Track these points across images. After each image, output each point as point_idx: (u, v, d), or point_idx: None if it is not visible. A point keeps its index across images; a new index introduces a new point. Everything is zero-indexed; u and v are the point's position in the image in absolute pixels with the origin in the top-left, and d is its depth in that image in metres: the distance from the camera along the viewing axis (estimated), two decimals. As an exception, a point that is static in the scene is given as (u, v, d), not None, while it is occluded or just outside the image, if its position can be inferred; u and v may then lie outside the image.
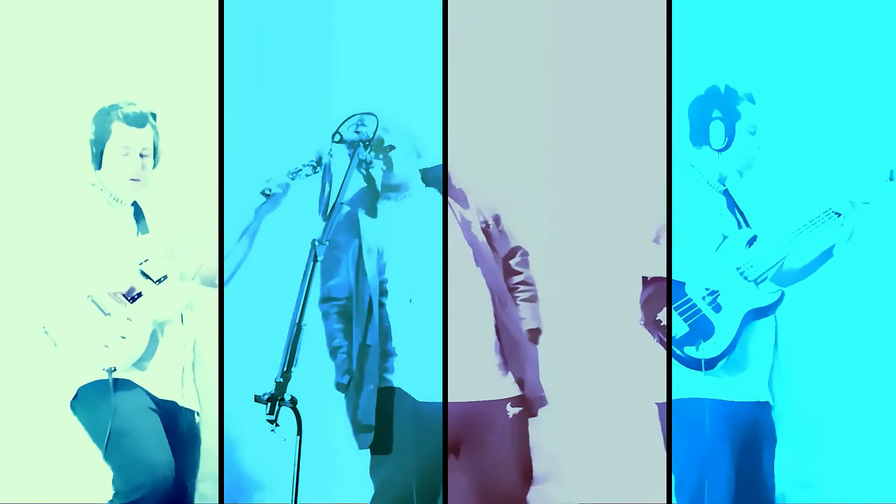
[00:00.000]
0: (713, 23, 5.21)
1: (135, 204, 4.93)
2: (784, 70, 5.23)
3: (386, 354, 4.90)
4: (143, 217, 4.93)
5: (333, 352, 4.95)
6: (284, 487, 4.41)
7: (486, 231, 4.98)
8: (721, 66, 5.13)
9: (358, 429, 4.89)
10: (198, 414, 4.93)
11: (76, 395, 4.78)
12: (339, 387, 4.93)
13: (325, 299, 4.97)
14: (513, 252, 5.02)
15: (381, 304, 4.91)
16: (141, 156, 4.87)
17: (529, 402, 4.93)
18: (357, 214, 4.95)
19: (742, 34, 5.22)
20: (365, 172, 4.92)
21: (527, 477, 4.92)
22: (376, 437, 4.85)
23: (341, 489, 5.13)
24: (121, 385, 4.75)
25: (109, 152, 4.87)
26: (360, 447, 4.89)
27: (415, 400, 4.89)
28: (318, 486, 4.92)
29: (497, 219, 5.01)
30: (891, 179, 4.84)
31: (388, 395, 4.88)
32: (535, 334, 4.99)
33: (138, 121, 4.87)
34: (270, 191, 4.81)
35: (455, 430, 4.88)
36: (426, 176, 5.02)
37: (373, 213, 4.96)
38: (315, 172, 4.79)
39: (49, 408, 5.01)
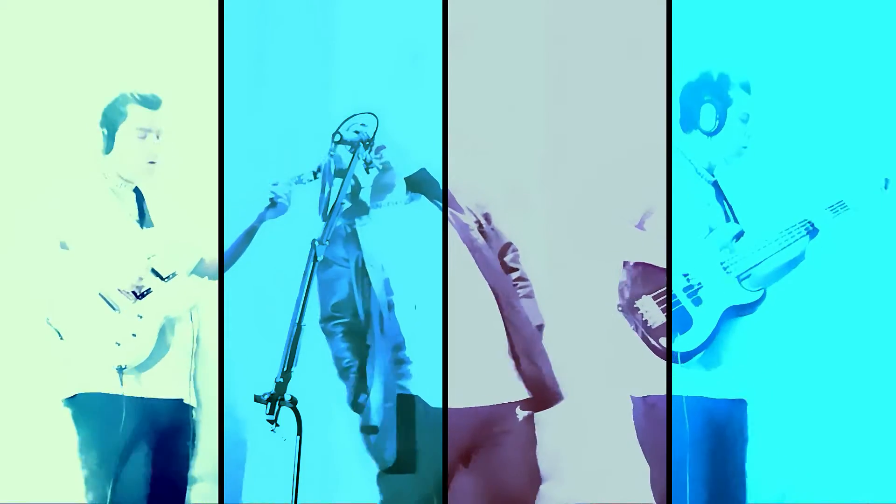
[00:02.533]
0: (711, 11, 5.19)
1: (137, 191, 4.91)
2: (782, 63, 5.22)
3: (399, 363, 4.85)
4: (146, 209, 4.91)
5: (344, 372, 4.87)
6: (284, 487, 4.41)
7: (480, 231, 4.90)
8: (717, 54, 5.10)
9: (368, 436, 4.83)
10: (195, 410, 4.93)
11: (74, 397, 4.78)
12: (356, 407, 4.84)
13: (326, 318, 4.89)
14: (505, 249, 4.96)
15: (390, 318, 4.85)
16: (157, 137, 4.86)
17: (547, 397, 4.81)
18: (354, 227, 4.90)
19: (741, 23, 5.21)
20: (365, 173, 4.89)
21: (535, 480, 4.82)
22: (399, 455, 4.77)
23: (342, 489, 5.14)
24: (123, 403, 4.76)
25: (123, 135, 4.85)
26: (381, 469, 4.80)
27: (429, 407, 4.84)
28: (319, 487, 4.92)
29: (488, 216, 4.94)
30: (885, 188, 4.82)
31: (407, 404, 4.82)
32: (541, 330, 4.90)
33: (153, 103, 4.87)
34: (277, 197, 4.80)
35: (469, 436, 4.77)
36: (411, 181, 4.96)
37: (365, 224, 4.92)
38: (316, 178, 4.78)
39: (55, 406, 4.99)
